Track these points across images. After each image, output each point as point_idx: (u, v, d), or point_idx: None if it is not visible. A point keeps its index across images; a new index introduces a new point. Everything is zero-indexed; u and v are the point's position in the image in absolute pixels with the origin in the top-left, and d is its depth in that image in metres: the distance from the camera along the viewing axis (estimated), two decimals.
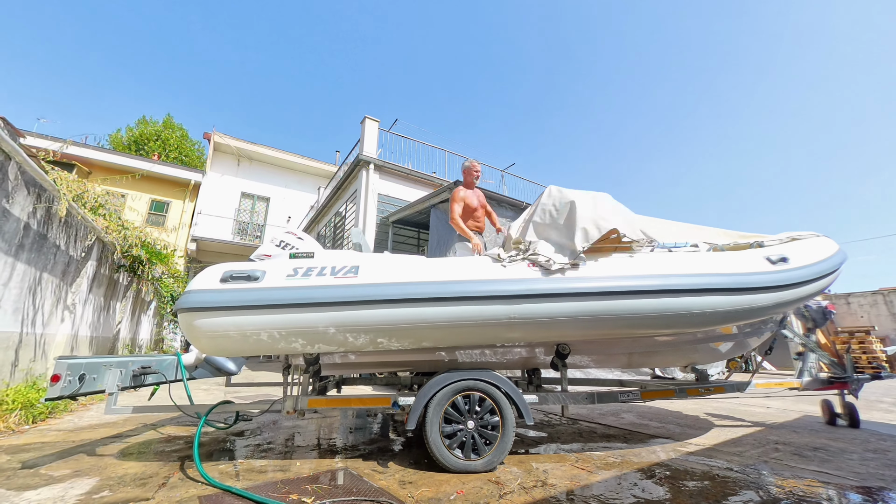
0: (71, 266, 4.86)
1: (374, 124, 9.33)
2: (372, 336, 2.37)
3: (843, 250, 3.20)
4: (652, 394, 3.03)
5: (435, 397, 2.45)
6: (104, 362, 2.54)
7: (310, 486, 2.10)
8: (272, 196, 17.04)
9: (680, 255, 2.79)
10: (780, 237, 3.23)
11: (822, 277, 2.88)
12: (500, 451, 2.40)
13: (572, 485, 2.15)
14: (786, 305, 2.75)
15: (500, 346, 3.26)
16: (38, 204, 3.97)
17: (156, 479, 2.21)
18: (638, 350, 3.44)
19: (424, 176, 9.59)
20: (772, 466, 2.49)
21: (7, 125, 4.09)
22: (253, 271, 2.38)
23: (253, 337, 2.28)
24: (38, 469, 2.35)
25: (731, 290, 2.49)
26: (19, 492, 1.99)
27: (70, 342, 4.96)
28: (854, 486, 2.16)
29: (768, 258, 2.76)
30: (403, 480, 2.20)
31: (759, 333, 3.48)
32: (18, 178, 3.60)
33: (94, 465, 2.46)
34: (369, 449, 2.90)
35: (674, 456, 2.71)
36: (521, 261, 2.60)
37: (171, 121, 21.62)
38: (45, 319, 4.34)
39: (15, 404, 3.42)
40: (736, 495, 2.00)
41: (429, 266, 2.54)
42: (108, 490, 2.04)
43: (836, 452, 2.81)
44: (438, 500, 1.93)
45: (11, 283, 3.65)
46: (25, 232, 3.79)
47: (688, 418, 4.10)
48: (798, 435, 3.37)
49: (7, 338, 3.67)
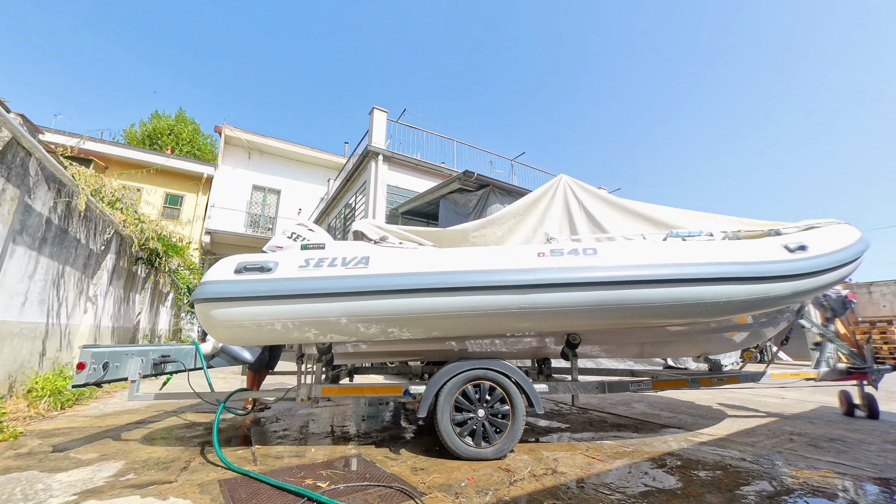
0: (91, 259, 5.01)
1: (383, 115, 9.29)
2: (383, 326, 2.40)
3: (865, 238, 3.10)
4: (664, 384, 3.01)
5: (445, 386, 2.47)
6: (126, 351, 2.63)
7: (324, 471, 2.16)
8: (283, 188, 17.19)
9: (694, 243, 2.74)
10: (799, 225, 3.15)
11: (842, 266, 2.80)
12: (511, 439, 2.43)
13: (583, 473, 2.16)
14: (803, 295, 2.68)
15: (510, 335, 3.27)
16: (59, 199, 4.08)
17: (178, 462, 2.30)
18: (650, 340, 3.41)
19: (433, 166, 9.55)
20: (786, 457, 2.47)
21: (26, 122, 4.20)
22: (266, 262, 2.42)
23: (267, 327, 2.33)
24: (68, 452, 2.47)
25: (746, 279, 2.44)
26: (52, 473, 2.10)
27: (93, 332, 5.14)
28: (871, 477, 2.13)
29: (786, 246, 2.69)
30: (415, 467, 2.25)
31: (775, 323, 3.42)
32: (39, 173, 3.70)
33: (119, 449, 2.57)
34: (382, 436, 2.96)
35: (685, 446, 2.70)
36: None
37: (183, 115, 21.88)
38: (69, 311, 4.50)
39: (44, 391, 3.58)
40: (748, 485, 1.99)
41: (438, 256, 2.55)
42: (133, 473, 2.13)
43: (853, 443, 2.77)
44: (450, 486, 1.96)
45: (36, 276, 3.78)
46: (47, 226, 3.91)
47: (700, 408, 4.07)
48: (814, 426, 3.33)
49: (34, 328, 3.82)
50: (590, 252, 2.51)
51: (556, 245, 2.69)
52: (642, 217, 3.47)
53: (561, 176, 3.79)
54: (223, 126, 15.93)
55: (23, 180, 3.44)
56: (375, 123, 9.10)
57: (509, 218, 3.55)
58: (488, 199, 6.61)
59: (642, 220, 3.46)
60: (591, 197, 3.67)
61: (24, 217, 3.52)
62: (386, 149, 8.95)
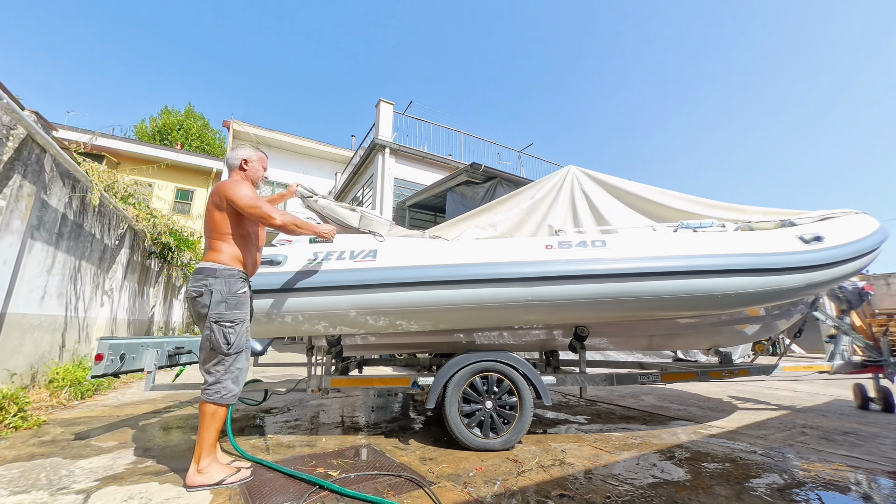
0: (106, 253, 5.12)
1: (389, 107, 9.25)
2: (391, 318, 2.42)
3: (884, 228, 3.01)
4: (673, 376, 3.00)
5: (453, 378, 2.49)
6: (142, 343, 2.70)
7: (335, 460, 2.21)
8: (290, 182, 17.27)
9: (705, 234, 2.69)
10: (813, 215, 3.07)
11: (858, 257, 2.73)
12: (518, 430, 2.44)
13: (591, 464, 2.17)
14: (818, 287, 2.63)
15: (517, 328, 3.27)
16: (73, 194, 4.16)
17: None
18: (659, 332, 3.38)
19: (440, 159, 9.51)
20: (797, 450, 2.44)
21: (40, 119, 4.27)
22: (275, 256, 2.44)
23: (277, 319, 2.37)
24: (90, 440, 2.55)
25: (758, 270, 2.40)
26: (74, 460, 2.17)
27: (110, 325, 5.28)
28: (886, 471, 2.10)
29: (801, 237, 2.63)
30: (424, 457, 2.28)
31: (788, 315, 3.36)
32: (53, 170, 3.77)
33: (137, 437, 2.65)
34: (391, 427, 3.00)
35: (695, 438, 2.69)
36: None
37: (192, 110, 22.02)
38: (86, 304, 4.62)
39: (64, 382, 3.70)
40: (758, 478, 1.98)
41: (446, 249, 2.55)
42: (152, 460, 2.19)
43: (867, 437, 2.73)
44: (458, 476, 1.99)
45: (54, 270, 3.88)
46: (63, 222, 4.00)
47: (710, 401, 4.04)
48: (827, 419, 3.28)
49: (53, 321, 3.93)
50: (598, 244, 2.49)
51: (564, 237, 2.67)
52: (652, 203, 3.39)
53: (570, 167, 3.73)
54: (231, 120, 16.03)
55: (38, 176, 3.52)
56: (382, 116, 9.07)
57: (511, 208, 3.45)
58: (496, 192, 6.55)
59: (653, 206, 3.38)
60: (601, 187, 3.59)
61: (41, 213, 3.60)
62: (393, 141, 8.92)
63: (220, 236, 2.01)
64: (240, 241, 2.05)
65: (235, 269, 2.00)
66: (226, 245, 2.01)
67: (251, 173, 2.18)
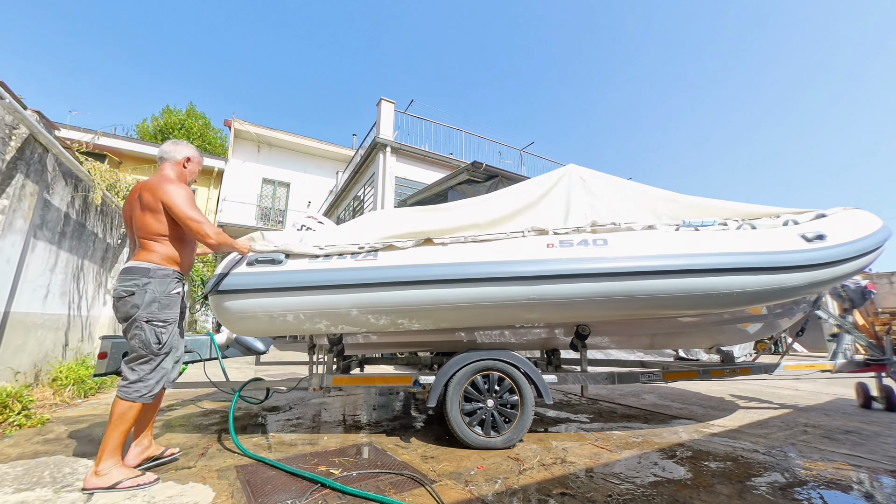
0: (109, 252, 5.14)
1: (390, 106, 9.24)
2: (392, 317, 2.42)
3: (887, 226, 3.00)
4: (674, 374, 2.99)
5: (455, 376, 2.50)
6: None
7: (337, 458, 2.21)
8: (292, 181, 17.31)
9: (707, 233, 2.69)
10: (815, 213, 3.06)
11: (862, 256, 2.72)
12: (520, 429, 2.44)
13: (592, 463, 2.17)
14: (820, 285, 2.62)
15: (519, 326, 3.27)
16: (76, 194, 4.17)
17: (196, 449, 2.38)
18: (661, 331, 3.38)
19: (441, 157, 9.50)
20: (799, 449, 2.44)
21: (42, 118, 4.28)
22: (275, 255, 2.45)
23: (279, 318, 2.37)
24: (93, 438, 2.56)
25: (760, 269, 2.39)
26: (77, 458, 2.19)
27: (112, 323, 5.30)
28: (888, 470, 2.10)
29: (803, 235, 2.62)
30: (425, 455, 2.29)
31: (790, 314, 3.35)
32: (56, 169, 3.78)
33: None
34: (392, 425, 3.01)
35: (696, 437, 2.69)
36: None
37: (193, 109, 22.04)
38: (89, 303, 4.64)
39: (68, 380, 3.72)
40: (760, 477, 1.98)
41: (447, 248, 2.55)
42: None
43: (869, 436, 2.72)
44: (459, 474, 1.99)
45: (57, 269, 3.90)
46: (66, 221, 4.02)
47: (712, 400, 4.04)
48: (829, 418, 3.28)
49: (56, 320, 3.95)
50: (600, 243, 2.48)
51: (565, 236, 2.67)
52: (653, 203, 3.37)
53: (570, 166, 3.71)
54: (233, 119, 16.05)
55: (41, 176, 3.53)
56: (383, 115, 9.06)
57: (507, 205, 3.34)
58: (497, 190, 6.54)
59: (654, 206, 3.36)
60: (601, 187, 3.57)
61: (44, 212, 3.62)
62: (394, 140, 8.92)
63: (153, 237, 1.99)
64: (177, 243, 2.05)
65: (170, 269, 2.01)
66: (160, 246, 2.00)
67: (188, 173, 2.22)
